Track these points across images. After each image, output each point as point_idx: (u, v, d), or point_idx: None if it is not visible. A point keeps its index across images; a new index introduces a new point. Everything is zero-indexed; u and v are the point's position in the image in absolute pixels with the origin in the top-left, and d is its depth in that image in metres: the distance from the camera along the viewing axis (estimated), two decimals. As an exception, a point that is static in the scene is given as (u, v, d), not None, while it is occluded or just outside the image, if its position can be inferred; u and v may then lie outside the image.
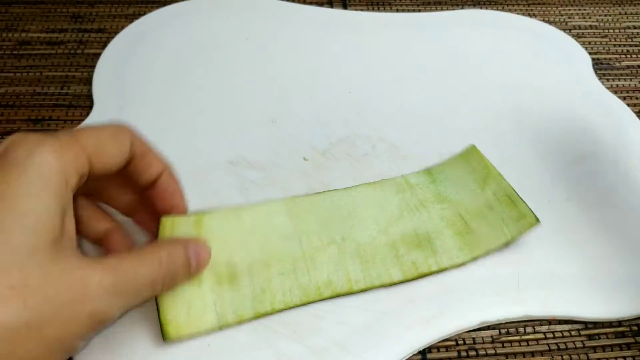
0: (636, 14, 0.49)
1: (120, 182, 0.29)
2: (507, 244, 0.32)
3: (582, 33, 0.47)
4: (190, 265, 0.27)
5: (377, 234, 0.32)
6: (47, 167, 0.22)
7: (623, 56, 0.46)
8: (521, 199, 0.32)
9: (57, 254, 0.22)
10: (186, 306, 0.27)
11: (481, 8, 0.49)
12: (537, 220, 0.31)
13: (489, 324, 0.30)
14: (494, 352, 0.29)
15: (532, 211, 0.31)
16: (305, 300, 0.29)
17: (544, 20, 0.47)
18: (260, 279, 0.29)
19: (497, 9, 0.49)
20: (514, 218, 0.32)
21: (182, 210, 0.29)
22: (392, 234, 0.32)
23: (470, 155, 0.35)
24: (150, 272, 0.25)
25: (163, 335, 0.27)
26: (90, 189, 0.28)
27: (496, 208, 0.32)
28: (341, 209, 0.33)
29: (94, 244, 0.29)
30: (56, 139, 0.23)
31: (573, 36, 0.46)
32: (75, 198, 0.24)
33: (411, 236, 0.32)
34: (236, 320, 0.28)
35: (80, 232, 0.28)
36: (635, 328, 0.30)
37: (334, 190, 0.34)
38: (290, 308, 0.29)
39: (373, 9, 0.48)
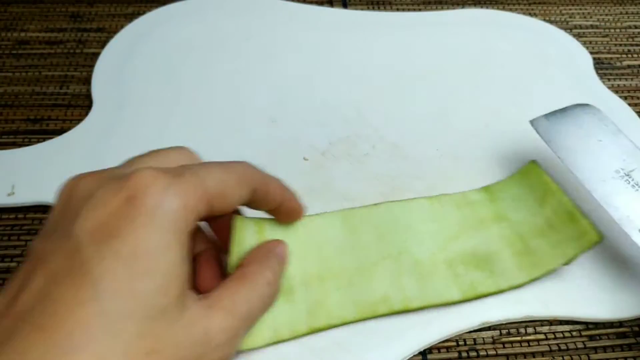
0: (637, 13, 0.49)
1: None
2: (567, 263, 0.30)
3: (583, 32, 0.47)
4: (280, 262, 0.27)
5: (435, 250, 0.31)
6: (174, 217, 0.21)
7: (624, 56, 0.45)
8: (582, 215, 0.30)
9: (182, 307, 0.21)
10: None
11: (482, 7, 0.49)
12: (600, 237, 0.29)
13: (489, 325, 0.30)
14: (494, 352, 0.29)
15: (594, 227, 0.29)
16: (359, 317, 0.28)
17: (544, 20, 0.47)
18: (315, 293, 0.28)
19: (498, 8, 0.48)
20: (574, 236, 0.30)
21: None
22: (450, 252, 0.31)
23: (530, 172, 0.33)
24: (261, 295, 0.25)
25: None
26: None
27: (556, 226, 0.31)
28: (398, 221, 0.31)
29: None
30: (183, 184, 0.21)
31: (574, 36, 0.46)
32: None
33: (470, 255, 0.31)
34: (291, 336, 0.27)
35: None
36: (637, 329, 0.30)
37: (391, 201, 0.32)
38: (345, 324, 0.28)
39: (373, 8, 0.48)
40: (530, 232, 0.31)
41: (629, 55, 0.45)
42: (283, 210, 0.27)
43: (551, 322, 0.30)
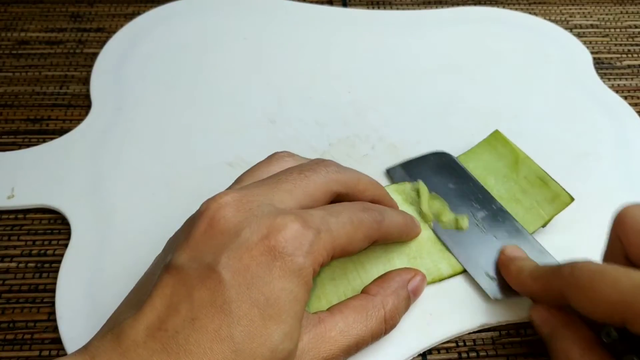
0: (637, 13, 0.49)
1: None
2: (544, 225, 0.32)
3: (583, 32, 0.47)
4: (410, 299, 0.28)
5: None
6: (306, 273, 0.23)
7: (624, 55, 0.45)
8: (553, 179, 0.33)
9: (298, 341, 0.23)
10: None
11: (482, 6, 0.48)
12: (572, 198, 0.32)
13: (490, 327, 0.30)
14: (494, 353, 0.29)
15: (565, 190, 0.32)
16: None
17: (545, 19, 0.47)
18: (317, 290, 0.29)
19: (498, 7, 0.48)
20: (548, 199, 0.32)
21: None
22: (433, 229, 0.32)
23: (495, 141, 0.35)
24: (373, 332, 0.26)
25: None
26: None
27: (529, 191, 0.33)
28: None
29: None
30: (320, 243, 0.23)
31: (574, 35, 0.46)
32: None
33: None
34: None
35: None
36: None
37: None
38: None
39: (373, 8, 0.48)
40: (505, 199, 0.33)
41: (629, 55, 0.45)
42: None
43: (551, 322, 0.30)
